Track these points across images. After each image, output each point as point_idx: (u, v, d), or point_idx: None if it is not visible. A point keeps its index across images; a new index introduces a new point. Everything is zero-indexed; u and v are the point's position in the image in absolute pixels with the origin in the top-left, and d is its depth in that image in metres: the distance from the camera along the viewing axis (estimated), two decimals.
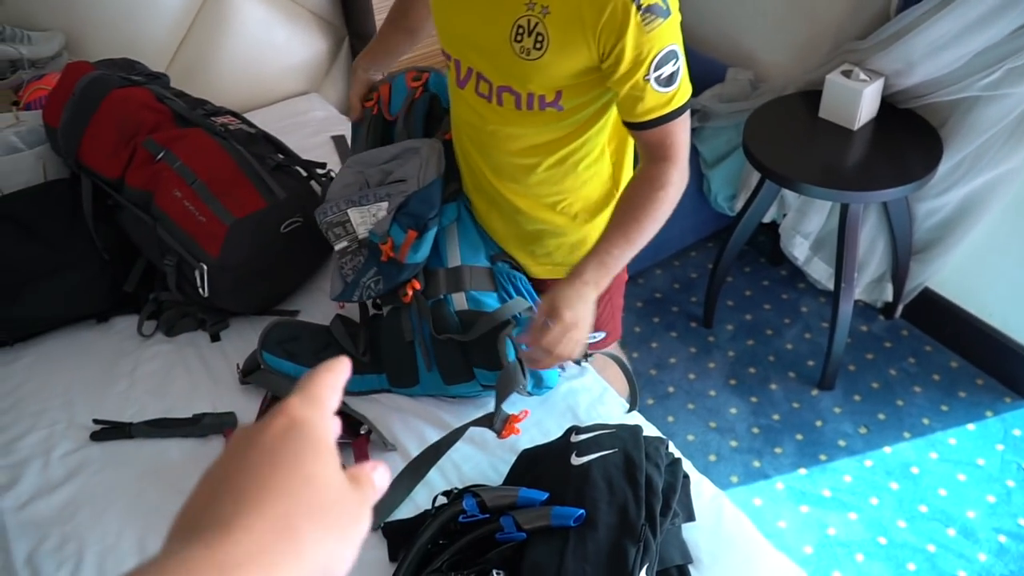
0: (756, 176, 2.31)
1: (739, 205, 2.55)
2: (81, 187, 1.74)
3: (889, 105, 2.20)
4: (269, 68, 2.41)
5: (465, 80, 1.31)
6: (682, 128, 1.25)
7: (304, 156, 1.91)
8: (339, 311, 1.64)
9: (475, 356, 1.41)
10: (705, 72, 2.66)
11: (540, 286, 1.54)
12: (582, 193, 1.42)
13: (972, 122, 2.03)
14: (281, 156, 1.81)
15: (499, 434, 1.38)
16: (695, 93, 2.61)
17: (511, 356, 1.38)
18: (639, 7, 1.10)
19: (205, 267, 1.64)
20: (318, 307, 1.76)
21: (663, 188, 1.25)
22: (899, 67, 2.06)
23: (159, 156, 1.67)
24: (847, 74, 2.13)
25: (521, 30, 1.17)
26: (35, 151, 1.84)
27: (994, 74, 1.92)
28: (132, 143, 1.70)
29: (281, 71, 2.44)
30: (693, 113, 2.62)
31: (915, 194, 2.22)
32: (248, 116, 2.13)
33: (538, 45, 1.17)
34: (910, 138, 2.13)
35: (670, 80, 1.18)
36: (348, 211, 1.53)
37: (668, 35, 1.14)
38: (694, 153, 2.59)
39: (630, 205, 1.26)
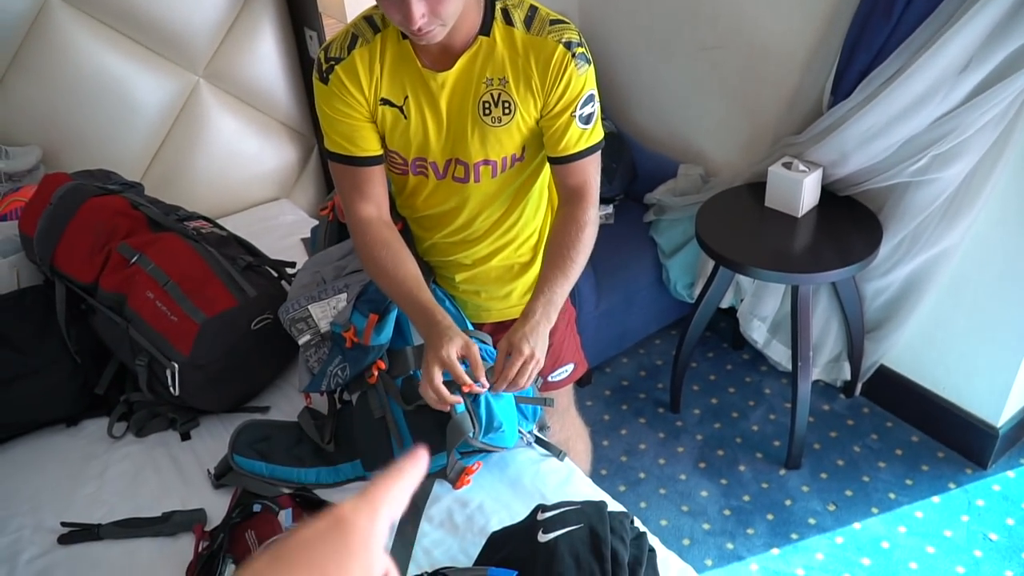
0: (711, 264, 2.42)
1: (698, 292, 2.64)
2: (55, 293, 1.78)
3: (829, 193, 2.33)
4: (241, 176, 2.51)
5: (444, 172, 1.45)
6: (596, 167, 1.45)
7: (275, 258, 1.98)
8: (308, 405, 1.67)
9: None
10: (658, 168, 2.81)
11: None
12: (536, 222, 1.59)
13: (907, 205, 2.16)
14: (251, 257, 1.88)
15: (454, 484, 1.44)
16: (650, 188, 2.77)
17: (459, 407, 1.39)
18: (573, 55, 1.32)
19: (176, 366, 1.67)
20: (289, 402, 1.79)
21: (586, 226, 1.42)
22: (834, 158, 2.21)
23: (133, 260, 1.72)
24: (788, 166, 2.27)
25: (487, 104, 1.35)
26: (9, 260, 1.90)
27: (921, 160, 2.06)
28: (107, 248, 1.76)
29: (252, 179, 2.54)
30: (650, 207, 2.76)
31: (861, 275, 2.33)
32: (221, 222, 2.22)
33: (507, 111, 1.36)
34: (851, 222, 2.26)
35: (589, 119, 1.39)
36: (309, 307, 1.60)
37: (591, 80, 1.36)
38: (652, 245, 2.70)
39: (561, 245, 1.42)
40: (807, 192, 2.26)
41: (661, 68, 2.79)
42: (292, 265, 1.96)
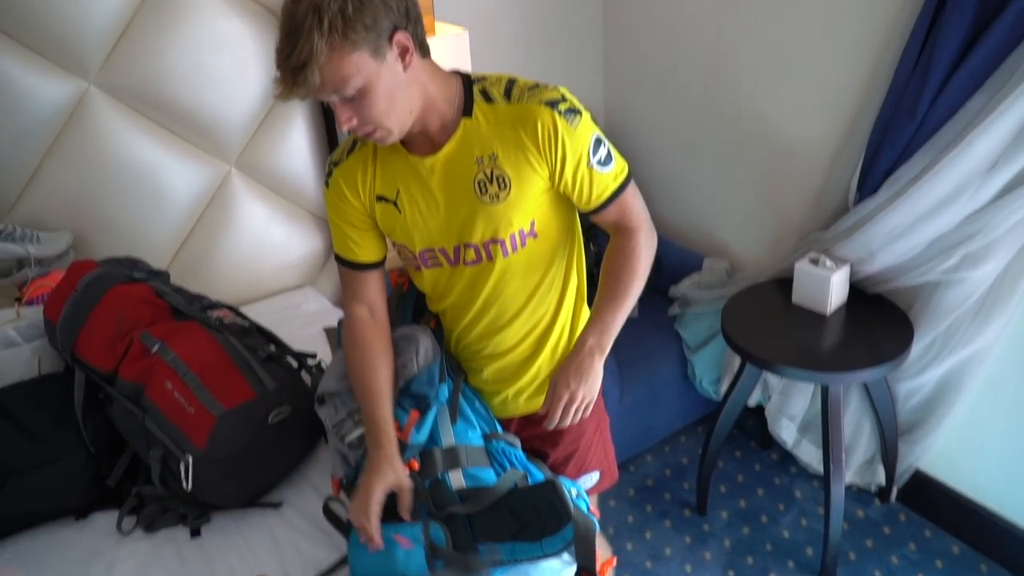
0: (738, 360, 2.37)
1: (724, 389, 2.58)
2: (74, 380, 1.77)
3: (858, 290, 2.30)
4: (267, 264, 2.52)
5: (456, 258, 1.44)
6: (633, 197, 1.44)
7: (296, 347, 1.96)
8: (336, 496, 1.62)
9: (481, 530, 1.38)
10: (683, 261, 2.80)
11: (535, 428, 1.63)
12: (565, 307, 1.55)
13: (937, 304, 2.11)
14: (273, 347, 1.86)
15: None
16: (674, 281, 2.75)
17: (583, 507, 1.39)
18: (560, 113, 1.30)
19: (191, 458, 1.63)
20: (302, 498, 1.73)
21: (635, 253, 1.43)
22: (862, 255, 2.18)
23: (154, 349, 1.71)
24: (815, 262, 2.24)
25: (482, 183, 1.34)
26: (32, 345, 1.89)
27: (951, 259, 2.02)
28: (129, 337, 1.75)
29: (278, 267, 2.55)
30: (674, 300, 2.73)
31: (893, 374, 2.27)
32: (245, 309, 2.22)
33: (503, 186, 1.34)
34: (881, 321, 2.21)
35: (607, 160, 1.38)
36: None
37: (589, 127, 1.34)
38: (677, 339, 2.66)
39: (612, 274, 1.43)
40: (835, 289, 2.23)
41: (685, 162, 2.82)
42: (313, 356, 1.93)
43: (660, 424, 2.70)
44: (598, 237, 2.72)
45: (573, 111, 1.32)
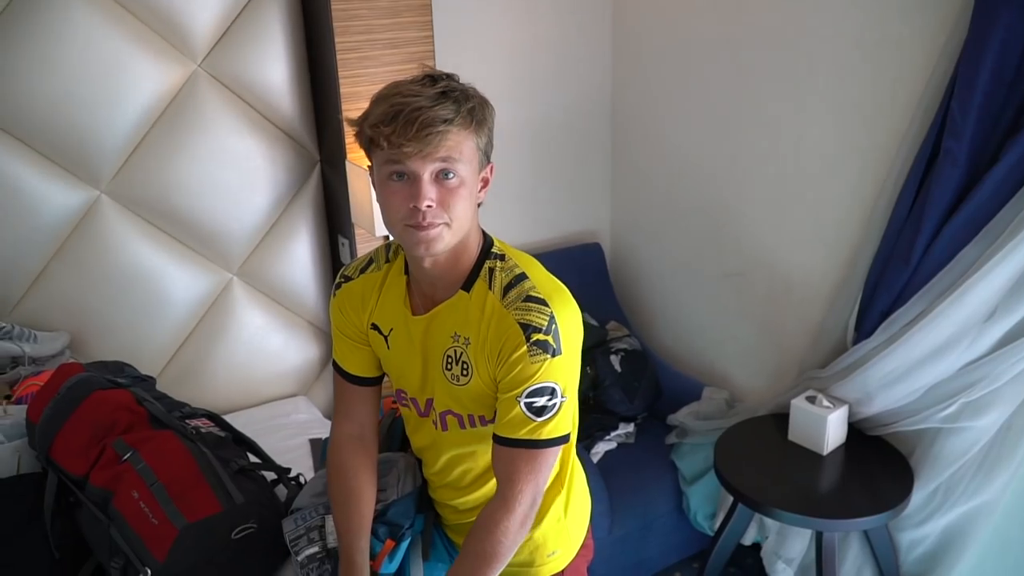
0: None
1: (719, 524, 2.49)
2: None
3: (857, 431, 2.23)
4: (261, 371, 2.53)
5: (426, 411, 1.42)
6: (532, 468, 1.26)
7: (280, 458, 1.93)
8: None
9: None
10: (683, 389, 2.76)
11: None
12: None
13: (938, 453, 2.04)
14: (248, 460, 1.84)
15: None
16: (673, 408, 2.70)
17: None
18: (528, 339, 1.21)
19: (150, 571, 1.60)
20: None
21: (500, 543, 1.26)
22: (859, 396, 2.13)
23: (125, 456, 1.70)
24: (812, 400, 2.19)
25: (450, 360, 1.31)
26: (14, 444, 1.90)
27: (951, 407, 1.96)
28: (103, 443, 1.75)
29: (272, 375, 2.56)
30: (671, 428, 2.67)
31: (894, 523, 2.17)
32: (234, 416, 2.21)
33: (465, 372, 1.30)
34: (880, 465, 2.14)
35: (540, 412, 1.24)
36: (327, 516, 1.54)
37: (552, 372, 1.23)
38: (673, 468, 2.59)
39: (473, 554, 1.28)
40: (832, 429, 2.17)
41: (686, 290, 2.81)
42: (288, 471, 1.91)
43: (652, 558, 2.59)
44: (596, 360, 2.70)
45: (545, 347, 1.22)
